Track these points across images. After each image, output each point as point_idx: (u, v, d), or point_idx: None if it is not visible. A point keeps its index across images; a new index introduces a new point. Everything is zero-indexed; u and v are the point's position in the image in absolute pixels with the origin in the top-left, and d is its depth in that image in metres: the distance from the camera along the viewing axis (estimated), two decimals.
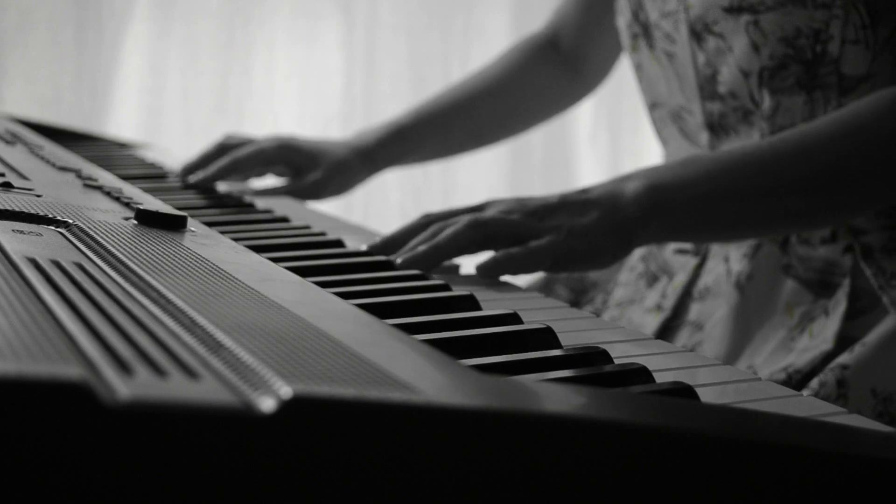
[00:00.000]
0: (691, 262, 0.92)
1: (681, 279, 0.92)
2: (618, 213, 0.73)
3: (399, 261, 0.70)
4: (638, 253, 0.98)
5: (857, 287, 0.82)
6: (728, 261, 0.89)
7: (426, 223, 0.76)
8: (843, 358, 0.77)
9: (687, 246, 0.93)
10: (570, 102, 1.17)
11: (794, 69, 0.82)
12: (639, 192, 0.74)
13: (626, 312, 0.95)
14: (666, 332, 0.91)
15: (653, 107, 0.97)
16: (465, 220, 0.72)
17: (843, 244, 0.84)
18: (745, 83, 0.85)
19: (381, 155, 1.09)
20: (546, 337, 0.55)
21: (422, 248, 0.71)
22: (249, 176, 1.06)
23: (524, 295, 0.68)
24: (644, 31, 0.94)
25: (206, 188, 0.99)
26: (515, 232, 0.72)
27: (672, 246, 0.95)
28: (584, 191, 0.75)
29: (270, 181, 1.09)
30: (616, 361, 0.52)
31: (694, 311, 0.90)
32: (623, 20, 0.97)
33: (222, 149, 1.05)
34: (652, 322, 0.92)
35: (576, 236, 0.72)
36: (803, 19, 0.80)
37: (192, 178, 1.00)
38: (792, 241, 0.86)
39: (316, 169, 1.05)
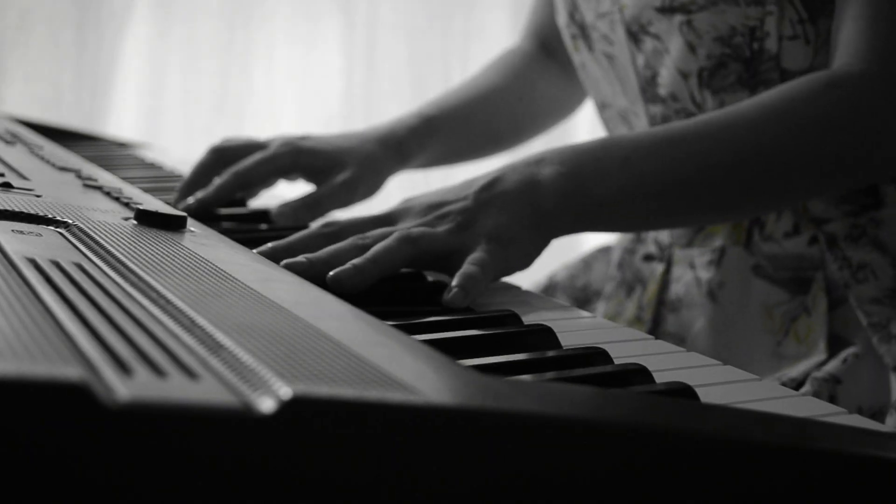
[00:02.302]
0: (658, 268, 0.90)
1: (652, 289, 0.89)
2: (535, 204, 0.68)
3: (330, 275, 0.61)
4: (614, 260, 0.96)
5: (830, 278, 0.80)
6: (694, 268, 0.86)
7: (333, 232, 0.68)
8: (834, 367, 0.75)
9: (653, 251, 0.91)
10: (574, 104, 1.10)
11: (734, 67, 0.80)
12: (553, 180, 0.69)
13: None
14: None
15: (602, 107, 0.94)
16: (395, 235, 0.65)
17: (808, 236, 0.81)
18: (685, 85, 0.82)
19: (413, 145, 0.94)
20: (546, 337, 0.55)
21: (358, 261, 0.62)
22: (258, 189, 0.90)
23: (524, 295, 0.68)
24: (581, 31, 0.90)
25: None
26: (446, 249, 0.66)
27: (640, 252, 0.93)
28: (496, 180, 0.69)
29: (286, 191, 0.93)
30: (616, 361, 0.52)
31: (671, 322, 0.87)
32: (561, 20, 0.93)
33: (219, 156, 0.87)
34: None
35: (506, 242, 0.67)
36: (737, 17, 0.78)
37: (191, 201, 0.82)
38: (755, 239, 0.83)
39: (343, 169, 0.88)
